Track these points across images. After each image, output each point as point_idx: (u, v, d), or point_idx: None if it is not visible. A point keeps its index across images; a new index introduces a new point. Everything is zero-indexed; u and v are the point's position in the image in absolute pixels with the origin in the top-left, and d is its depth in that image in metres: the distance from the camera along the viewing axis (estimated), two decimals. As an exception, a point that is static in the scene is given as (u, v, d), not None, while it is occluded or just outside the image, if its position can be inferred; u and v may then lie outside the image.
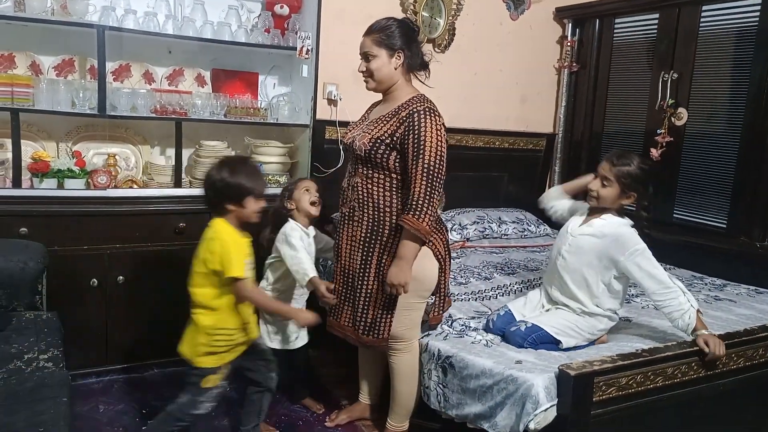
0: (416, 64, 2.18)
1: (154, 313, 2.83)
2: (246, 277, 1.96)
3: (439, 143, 2.03)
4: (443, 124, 2.08)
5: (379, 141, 2.09)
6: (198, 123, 3.02)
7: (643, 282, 2.07)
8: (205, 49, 3.09)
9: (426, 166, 2.00)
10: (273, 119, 3.17)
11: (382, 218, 2.14)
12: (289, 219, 2.46)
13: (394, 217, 2.12)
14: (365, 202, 2.16)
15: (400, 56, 2.12)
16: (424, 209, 2.00)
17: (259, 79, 3.33)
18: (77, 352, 2.61)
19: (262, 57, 3.27)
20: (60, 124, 2.89)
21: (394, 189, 2.13)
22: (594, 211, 2.24)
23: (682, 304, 2.01)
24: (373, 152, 2.09)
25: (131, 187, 2.85)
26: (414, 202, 2.00)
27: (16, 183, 2.61)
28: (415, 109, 2.06)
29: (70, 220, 2.62)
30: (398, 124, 2.07)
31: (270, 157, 3.20)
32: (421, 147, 2.01)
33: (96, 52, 2.66)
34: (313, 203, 2.47)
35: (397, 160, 2.09)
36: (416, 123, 2.03)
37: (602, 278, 2.16)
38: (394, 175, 2.11)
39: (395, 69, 2.13)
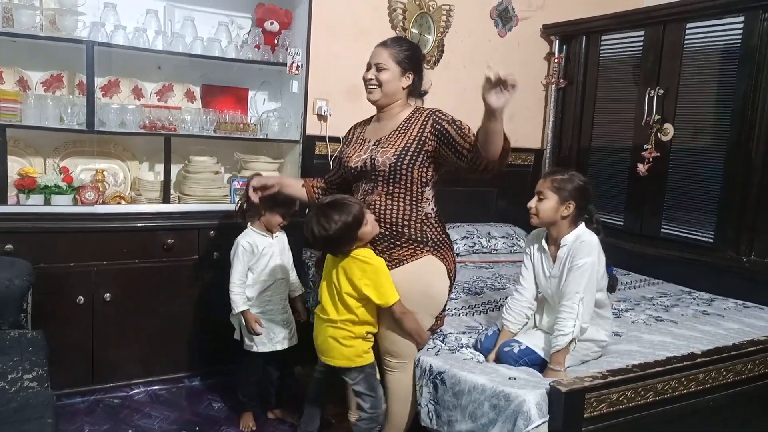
0: (417, 91, 2.24)
1: (141, 331, 2.80)
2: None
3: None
4: None
5: (404, 151, 2.11)
6: (187, 138, 3.01)
7: (567, 284, 2.06)
8: (194, 65, 3.10)
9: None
10: (263, 135, 3.17)
11: (398, 232, 2.15)
12: (248, 225, 2.53)
13: (412, 231, 2.14)
14: (381, 219, 2.15)
15: (409, 77, 2.18)
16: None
17: (249, 94, 3.33)
18: (63, 371, 2.57)
19: (252, 72, 3.27)
20: (48, 139, 2.87)
21: (414, 202, 2.15)
22: (551, 240, 2.20)
23: (566, 327, 2.00)
24: (398, 164, 2.11)
25: (119, 203, 2.83)
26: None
27: (2, 199, 2.57)
28: (431, 112, 2.16)
29: (56, 236, 2.59)
30: (421, 129, 2.13)
31: (260, 172, 3.19)
32: (460, 125, 2.12)
33: (85, 68, 2.65)
34: (279, 224, 2.54)
35: (423, 167, 2.13)
36: (443, 117, 2.13)
37: None
38: (415, 188, 2.14)
39: (402, 88, 2.17)
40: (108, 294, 2.70)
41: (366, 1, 3.57)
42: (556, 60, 4.19)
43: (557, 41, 4.18)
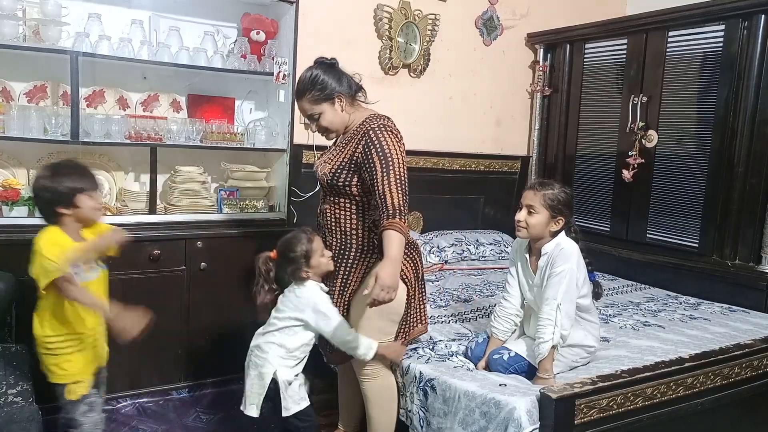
0: (353, 92, 2.18)
1: (127, 343, 2.76)
2: (65, 272, 1.85)
3: (401, 155, 2.06)
4: (401, 138, 2.11)
5: (339, 168, 2.11)
6: (173, 148, 2.99)
7: (545, 291, 2.07)
8: (180, 75, 3.08)
9: (397, 176, 2.00)
10: (250, 144, 3.16)
11: (348, 241, 2.16)
12: (306, 280, 2.14)
13: (360, 239, 2.15)
14: (333, 228, 2.18)
15: (341, 98, 2.12)
16: (404, 214, 1.99)
17: (236, 104, 3.32)
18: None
19: (238, 82, 3.26)
20: (31, 150, 2.83)
21: (360, 212, 2.15)
22: (533, 251, 2.21)
23: (545, 334, 2.01)
24: (334, 180, 2.11)
25: (104, 215, 2.80)
26: (396, 209, 1.97)
27: (-15, 211, 2.54)
28: (369, 127, 2.08)
29: (41, 248, 2.55)
30: (355, 146, 2.10)
31: (247, 181, 3.18)
32: (389, 159, 2.01)
33: (69, 78, 2.63)
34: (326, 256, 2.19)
35: (359, 184, 2.10)
36: (375, 139, 2.04)
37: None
38: (357, 199, 2.13)
39: (343, 111, 2.14)
40: (93, 306, 2.66)
41: (352, 11, 3.59)
42: (540, 68, 4.23)
43: (542, 49, 4.22)
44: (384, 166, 2.01)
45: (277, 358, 2.08)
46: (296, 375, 2.13)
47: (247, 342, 2.60)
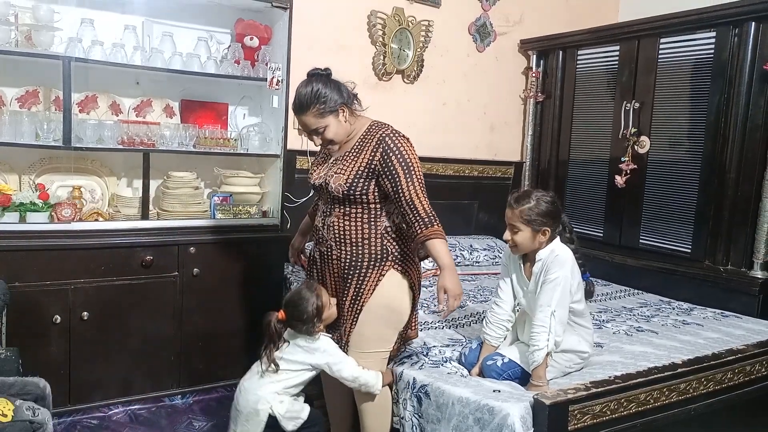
0: (351, 101, 2.16)
1: (120, 349, 2.75)
2: None
3: (418, 161, 2.11)
4: (412, 144, 2.14)
5: (356, 177, 2.08)
6: (166, 154, 2.98)
7: (539, 297, 2.07)
8: (173, 80, 3.07)
9: (420, 182, 2.07)
10: (243, 149, 3.15)
11: (360, 251, 2.14)
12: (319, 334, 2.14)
13: (372, 247, 2.13)
14: (342, 240, 2.15)
15: (344, 109, 2.11)
16: (437, 219, 2.07)
17: (229, 109, 3.31)
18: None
19: (231, 88, 3.26)
20: (23, 156, 2.82)
21: (372, 219, 2.13)
22: (527, 257, 2.20)
23: (540, 341, 2.00)
24: (352, 190, 2.08)
25: (96, 220, 2.79)
26: (427, 216, 2.05)
27: (-24, 217, 2.53)
28: (384, 134, 2.09)
29: (32, 255, 2.54)
30: (372, 152, 2.08)
31: (240, 187, 3.18)
32: (410, 166, 2.06)
33: (61, 84, 2.62)
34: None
35: (375, 190, 2.10)
36: (393, 146, 2.06)
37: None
38: (372, 206, 2.12)
39: (345, 121, 2.12)
40: (85, 313, 2.64)
41: (346, 17, 3.60)
42: (533, 74, 4.25)
43: (534, 56, 4.24)
44: (407, 173, 2.04)
45: (272, 395, 2.09)
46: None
47: (241, 348, 2.62)
